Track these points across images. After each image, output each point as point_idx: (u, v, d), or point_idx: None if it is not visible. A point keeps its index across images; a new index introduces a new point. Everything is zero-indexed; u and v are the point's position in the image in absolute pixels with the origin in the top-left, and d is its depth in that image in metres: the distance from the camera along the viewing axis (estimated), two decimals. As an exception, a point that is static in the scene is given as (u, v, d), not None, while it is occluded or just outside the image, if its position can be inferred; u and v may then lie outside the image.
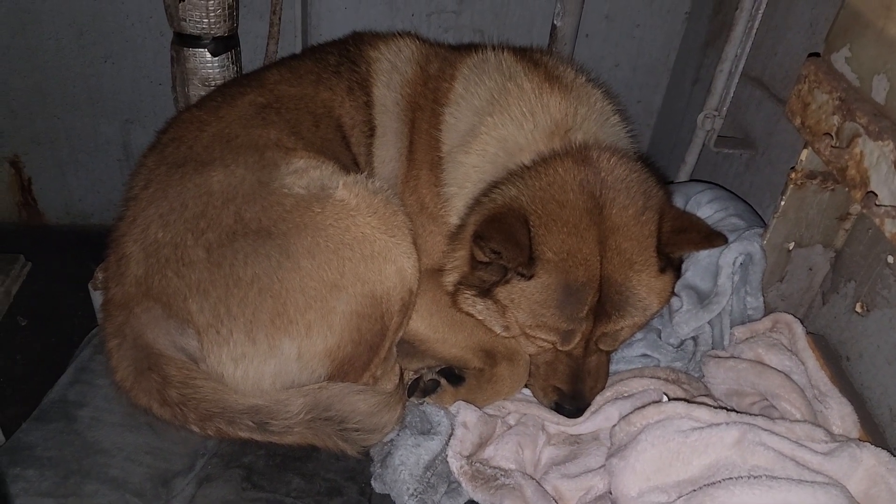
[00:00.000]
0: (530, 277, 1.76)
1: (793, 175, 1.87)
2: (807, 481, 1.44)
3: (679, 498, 1.50)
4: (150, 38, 3.07)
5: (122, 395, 1.78)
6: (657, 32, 3.29)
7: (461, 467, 1.75)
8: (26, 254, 3.15)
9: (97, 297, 2.28)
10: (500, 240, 1.70)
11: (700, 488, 1.48)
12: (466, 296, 1.90)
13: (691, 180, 2.85)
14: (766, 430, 1.56)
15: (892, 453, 1.50)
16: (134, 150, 3.36)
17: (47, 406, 1.88)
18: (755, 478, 1.45)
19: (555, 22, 2.89)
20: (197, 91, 2.64)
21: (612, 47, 3.31)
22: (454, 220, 2.01)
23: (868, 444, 1.54)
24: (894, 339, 1.71)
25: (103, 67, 3.14)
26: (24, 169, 3.37)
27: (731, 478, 1.48)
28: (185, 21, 2.52)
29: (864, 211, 1.48)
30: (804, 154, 1.83)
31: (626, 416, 1.73)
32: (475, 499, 1.73)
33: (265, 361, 1.75)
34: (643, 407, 1.71)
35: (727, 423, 1.58)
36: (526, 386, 2.01)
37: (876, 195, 1.44)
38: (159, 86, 3.17)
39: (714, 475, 1.52)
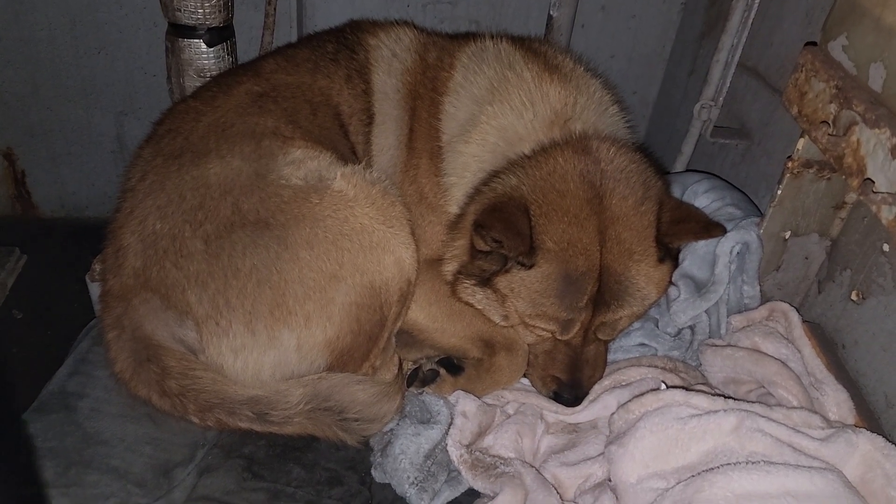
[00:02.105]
0: (530, 267, 1.76)
1: (789, 164, 1.88)
2: (804, 466, 1.46)
3: (678, 484, 1.52)
4: (144, 29, 3.05)
5: (122, 386, 1.78)
6: (653, 23, 3.29)
7: (461, 456, 1.76)
8: (21, 247, 3.13)
9: (94, 289, 2.28)
10: (502, 229, 1.70)
11: (699, 474, 1.49)
12: (466, 285, 1.90)
13: (688, 170, 2.86)
14: (763, 416, 1.58)
15: (887, 439, 1.52)
16: (128, 142, 3.33)
17: (47, 397, 1.88)
18: (753, 463, 1.47)
19: (551, 12, 2.89)
20: (192, 82, 2.62)
21: (607, 38, 3.30)
22: (454, 209, 2.02)
23: (864, 429, 1.55)
24: (889, 326, 1.72)
25: (97, 58, 3.11)
26: (17, 161, 3.34)
27: (729, 464, 1.49)
28: (180, 11, 2.50)
29: (862, 198, 1.49)
30: (801, 143, 1.84)
31: (624, 404, 1.74)
32: (475, 487, 1.74)
33: (264, 352, 1.76)
34: (641, 395, 1.72)
35: (725, 410, 1.59)
36: (524, 375, 2.01)
37: (873, 182, 1.45)
38: (153, 77, 3.15)
39: (712, 461, 1.54)
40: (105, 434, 1.77)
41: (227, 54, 2.67)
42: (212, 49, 2.60)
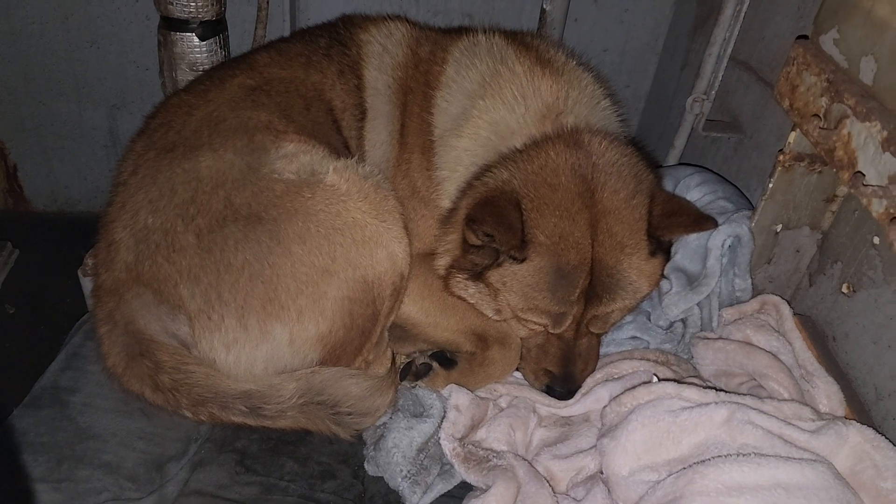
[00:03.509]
0: (522, 260, 1.77)
1: (781, 157, 1.88)
2: (794, 458, 1.47)
3: (669, 476, 1.52)
4: (136, 22, 3.03)
5: (114, 380, 1.78)
6: (645, 17, 3.29)
7: (454, 449, 1.76)
8: (12, 241, 3.12)
9: (87, 284, 2.27)
10: (493, 223, 1.70)
11: (690, 466, 1.50)
12: (458, 279, 1.91)
13: (680, 164, 2.86)
14: (754, 409, 1.59)
15: (877, 431, 1.53)
16: (120, 136, 3.32)
17: (39, 392, 1.87)
18: (744, 456, 1.47)
19: (544, 6, 2.88)
20: (185, 76, 2.61)
21: (600, 32, 3.30)
22: (446, 203, 2.02)
23: (854, 421, 1.56)
24: (879, 318, 1.73)
25: (88, 52, 3.10)
26: (9, 156, 3.33)
27: (720, 456, 1.50)
28: (173, 5, 2.49)
29: (852, 191, 1.50)
30: (792, 136, 1.84)
31: (616, 397, 1.75)
32: (468, 480, 1.74)
33: (257, 347, 1.75)
34: (633, 388, 1.73)
35: (716, 403, 1.60)
36: (517, 369, 2.02)
37: (863, 175, 1.45)
38: (146, 71, 3.14)
39: (704, 454, 1.54)
40: (97, 429, 1.77)
41: (220, 48, 2.67)
42: (204, 43, 2.59)
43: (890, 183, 1.37)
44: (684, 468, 1.51)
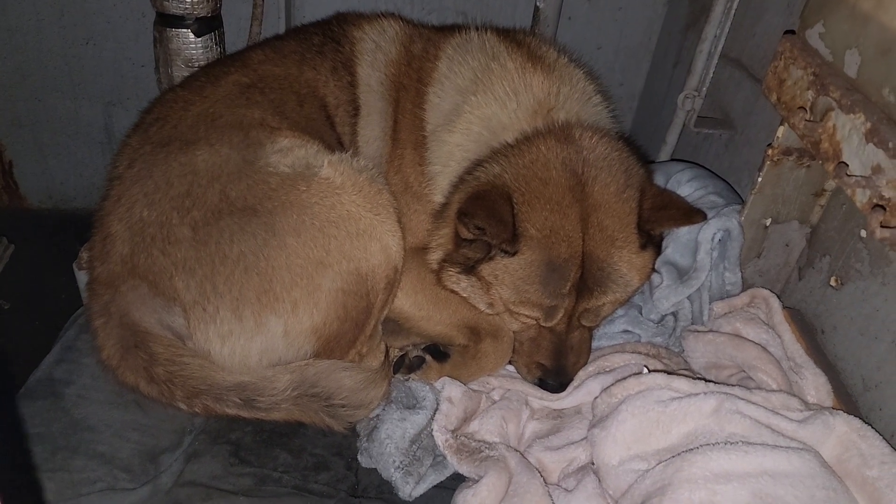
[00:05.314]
0: (514, 254, 1.78)
1: (770, 151, 1.90)
2: (781, 447, 1.48)
3: (658, 465, 1.54)
4: (132, 19, 3.04)
5: (109, 373, 1.79)
6: (639, 15, 3.31)
7: (446, 441, 1.78)
8: (8, 237, 3.13)
9: (82, 277, 2.28)
10: (484, 217, 1.72)
11: (678, 454, 1.52)
12: (451, 273, 1.92)
13: (672, 160, 2.88)
14: (742, 399, 1.60)
15: (864, 421, 1.54)
16: (116, 132, 3.32)
17: (34, 384, 1.88)
18: (732, 444, 1.49)
19: (537, 4, 2.90)
20: (180, 72, 2.62)
21: (594, 30, 3.32)
22: (438, 198, 2.03)
23: (841, 412, 1.58)
24: (867, 311, 1.75)
25: (84, 49, 3.11)
26: (4, 152, 3.34)
27: (708, 444, 1.51)
28: (168, 1, 2.50)
29: (836, 182, 1.52)
30: (780, 131, 1.86)
31: (607, 388, 1.76)
32: (460, 471, 1.75)
33: (252, 338, 1.77)
34: (624, 379, 1.74)
35: (705, 393, 1.61)
36: (510, 362, 2.04)
37: (847, 166, 1.47)
38: (141, 67, 3.15)
39: (692, 443, 1.56)
40: (92, 420, 1.78)
41: (216, 44, 2.68)
42: (200, 39, 2.60)
43: (873, 173, 1.40)
44: (673, 457, 1.53)
